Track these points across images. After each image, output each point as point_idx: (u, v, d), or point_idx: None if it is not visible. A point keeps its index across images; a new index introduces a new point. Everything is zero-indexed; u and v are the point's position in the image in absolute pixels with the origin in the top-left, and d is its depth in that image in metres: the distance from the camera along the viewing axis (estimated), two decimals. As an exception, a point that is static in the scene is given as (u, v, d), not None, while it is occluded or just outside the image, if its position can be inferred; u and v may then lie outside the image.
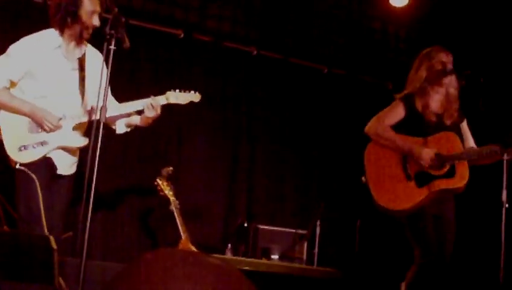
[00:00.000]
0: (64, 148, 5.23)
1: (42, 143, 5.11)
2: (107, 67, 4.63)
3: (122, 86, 7.11)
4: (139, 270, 2.81)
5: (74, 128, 5.23)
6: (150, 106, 5.28)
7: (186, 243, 6.43)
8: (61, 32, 5.20)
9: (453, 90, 5.66)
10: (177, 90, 5.42)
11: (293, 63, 8.67)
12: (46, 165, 5.15)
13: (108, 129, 5.40)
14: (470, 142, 5.76)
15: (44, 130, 5.10)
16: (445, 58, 5.70)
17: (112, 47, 4.61)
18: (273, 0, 8.60)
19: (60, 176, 5.26)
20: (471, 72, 5.44)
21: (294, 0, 8.73)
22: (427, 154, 5.46)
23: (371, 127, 5.73)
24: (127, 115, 5.42)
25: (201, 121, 7.97)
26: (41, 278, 4.06)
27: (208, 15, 8.19)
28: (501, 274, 4.99)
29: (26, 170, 4.96)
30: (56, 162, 5.21)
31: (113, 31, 4.64)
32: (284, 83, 8.60)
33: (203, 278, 2.74)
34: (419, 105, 5.62)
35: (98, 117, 4.58)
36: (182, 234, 6.48)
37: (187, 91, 5.46)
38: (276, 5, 8.60)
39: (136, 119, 5.47)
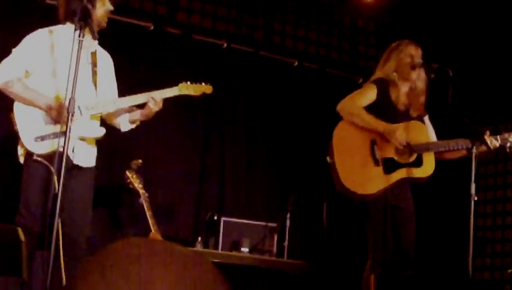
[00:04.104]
0: (82, 139, 5.11)
1: (60, 134, 4.80)
2: (77, 58, 4.58)
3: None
4: (108, 259, 2.81)
5: (92, 119, 5.14)
6: (152, 99, 5.22)
7: (155, 236, 6.42)
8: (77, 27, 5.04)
9: (420, 84, 5.68)
10: (189, 82, 5.41)
11: (263, 56, 8.67)
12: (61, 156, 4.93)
13: (113, 128, 5.41)
14: (432, 136, 5.77)
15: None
16: (414, 51, 5.66)
17: (81, 38, 4.59)
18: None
19: (78, 167, 5.09)
20: (440, 65, 5.45)
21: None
22: (400, 135, 5.44)
23: (344, 105, 5.59)
24: (128, 110, 5.35)
25: (170, 114, 7.94)
26: (9, 270, 4.04)
27: (178, 7, 8.18)
28: (470, 266, 5.02)
29: (43, 161, 4.87)
30: (71, 153, 4.98)
31: (82, 22, 4.63)
32: (253, 76, 8.60)
33: (171, 265, 2.73)
34: (392, 92, 5.61)
35: (70, 110, 4.53)
36: (151, 226, 6.46)
37: (198, 83, 5.47)
38: (246, -2, 8.61)
39: (137, 114, 5.40)
